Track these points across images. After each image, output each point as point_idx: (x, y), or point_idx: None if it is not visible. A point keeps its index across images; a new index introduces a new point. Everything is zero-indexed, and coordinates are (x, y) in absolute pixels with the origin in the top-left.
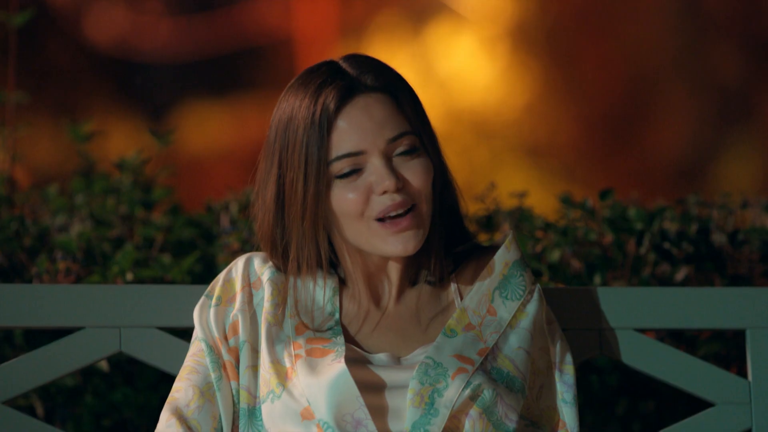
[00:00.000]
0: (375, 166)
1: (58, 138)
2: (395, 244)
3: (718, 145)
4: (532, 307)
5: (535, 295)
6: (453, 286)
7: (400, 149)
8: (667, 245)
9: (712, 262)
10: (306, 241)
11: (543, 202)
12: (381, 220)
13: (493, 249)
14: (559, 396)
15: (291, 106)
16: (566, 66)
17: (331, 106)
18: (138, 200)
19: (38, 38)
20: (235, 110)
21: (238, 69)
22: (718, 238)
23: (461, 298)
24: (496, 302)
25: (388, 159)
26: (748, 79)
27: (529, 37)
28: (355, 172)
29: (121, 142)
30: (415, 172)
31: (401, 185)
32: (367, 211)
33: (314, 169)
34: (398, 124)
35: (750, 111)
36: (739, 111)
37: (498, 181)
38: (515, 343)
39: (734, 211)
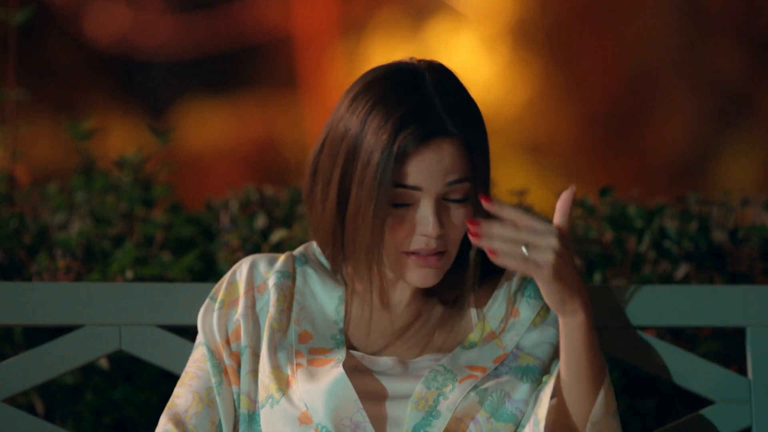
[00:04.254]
0: (425, 206)
1: (58, 135)
2: (416, 276)
3: (718, 142)
4: (554, 312)
5: None
6: (472, 305)
7: (455, 196)
8: (667, 243)
9: (712, 260)
10: (367, 261)
11: (543, 200)
12: (407, 254)
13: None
14: None
15: (367, 117)
16: (566, 64)
17: (410, 146)
18: (138, 198)
19: (38, 36)
20: (234, 108)
21: (237, 67)
22: (719, 236)
23: (478, 315)
24: (519, 302)
25: (439, 201)
26: (748, 76)
27: (530, 35)
28: (407, 205)
29: (121, 139)
30: (457, 222)
31: (442, 233)
32: (401, 245)
33: (384, 198)
34: (463, 170)
35: (750, 109)
36: (740, 109)
37: (498, 178)
38: (538, 339)
39: (734, 209)
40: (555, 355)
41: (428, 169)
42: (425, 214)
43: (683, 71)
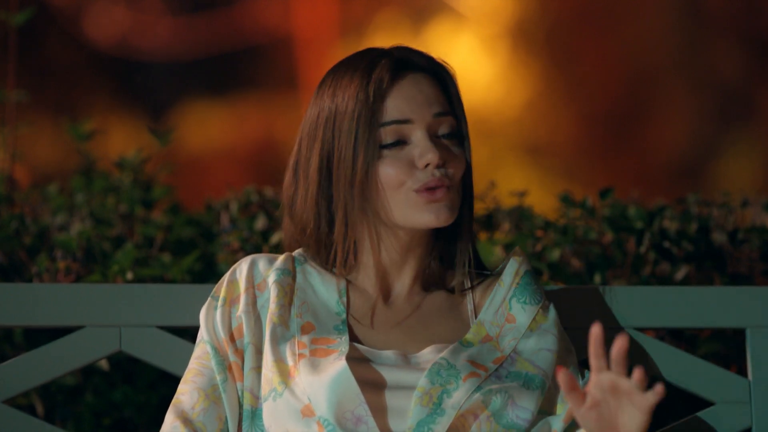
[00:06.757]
0: (419, 138)
1: (58, 137)
2: (429, 212)
3: (718, 143)
4: (552, 313)
5: (552, 305)
6: (469, 299)
7: (445, 130)
8: (667, 244)
9: (712, 261)
10: (355, 210)
11: (543, 201)
12: (417, 191)
13: (503, 268)
14: None
15: (336, 85)
16: (566, 64)
17: (386, 77)
18: (138, 199)
19: (38, 37)
20: (234, 109)
21: (237, 68)
22: (718, 237)
23: (476, 313)
24: (515, 309)
25: (432, 135)
26: (748, 77)
27: (529, 36)
28: (400, 144)
29: (121, 140)
30: (455, 157)
31: (443, 162)
32: (408, 183)
33: (365, 136)
34: (444, 103)
35: (750, 109)
36: (740, 109)
37: (498, 179)
38: (536, 345)
39: (734, 210)
40: (555, 363)
41: (413, 100)
42: (422, 144)
43: (683, 71)
